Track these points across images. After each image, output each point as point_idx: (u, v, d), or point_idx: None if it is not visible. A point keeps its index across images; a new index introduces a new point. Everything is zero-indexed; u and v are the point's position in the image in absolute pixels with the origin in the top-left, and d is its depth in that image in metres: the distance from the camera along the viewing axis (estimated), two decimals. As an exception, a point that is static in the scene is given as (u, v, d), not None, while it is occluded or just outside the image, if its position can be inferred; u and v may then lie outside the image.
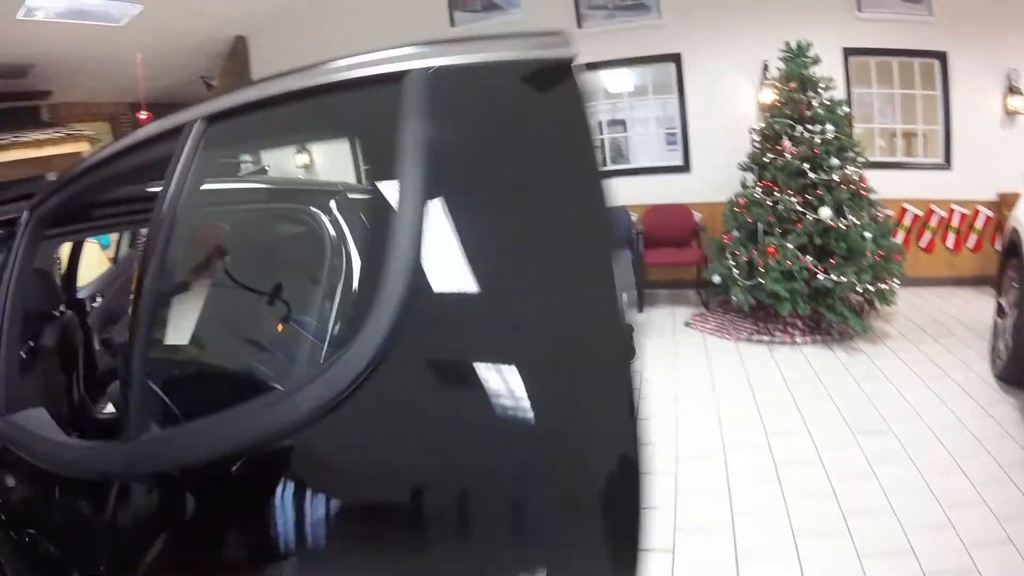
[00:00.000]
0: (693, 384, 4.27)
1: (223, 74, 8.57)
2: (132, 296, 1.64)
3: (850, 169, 4.90)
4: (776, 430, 3.50)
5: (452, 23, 7.00)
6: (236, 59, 8.36)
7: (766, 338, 4.93)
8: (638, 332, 4.98)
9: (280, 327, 2.00)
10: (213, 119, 1.37)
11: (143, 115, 8.49)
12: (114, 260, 5.21)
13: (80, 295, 3.50)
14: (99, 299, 4.10)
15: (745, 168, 5.42)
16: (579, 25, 6.50)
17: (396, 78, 0.98)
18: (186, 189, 1.35)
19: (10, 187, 3.54)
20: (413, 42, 1.02)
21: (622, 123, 6.83)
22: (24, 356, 2.63)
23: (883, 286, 4.70)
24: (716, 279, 5.26)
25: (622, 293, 0.83)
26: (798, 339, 4.83)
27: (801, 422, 3.57)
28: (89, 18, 6.39)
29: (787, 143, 5.00)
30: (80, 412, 2.66)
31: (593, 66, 6.56)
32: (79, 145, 7.81)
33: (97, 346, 3.23)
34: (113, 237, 5.59)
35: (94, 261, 4.94)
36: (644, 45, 6.36)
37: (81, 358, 2.80)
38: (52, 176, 2.72)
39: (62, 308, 2.92)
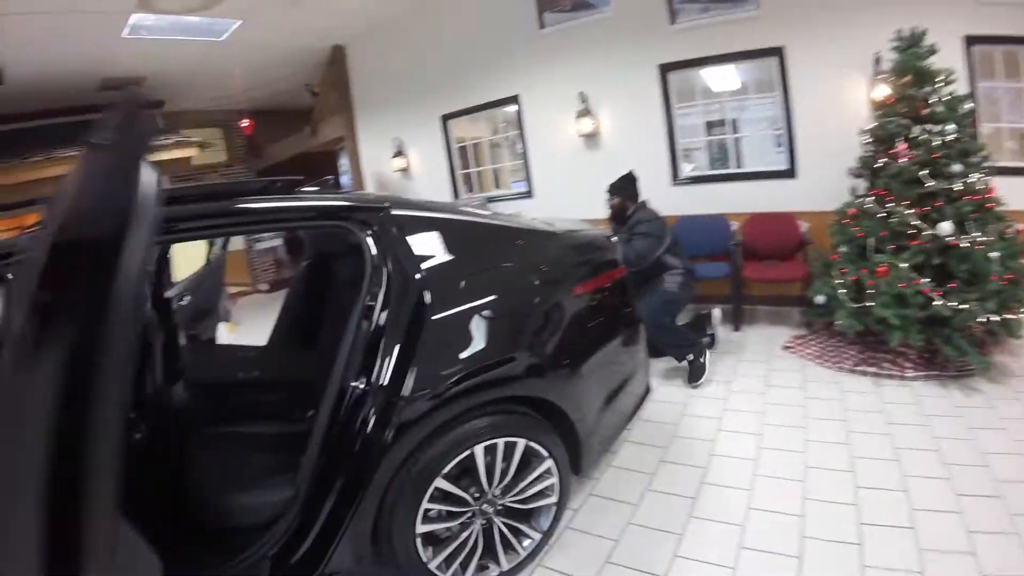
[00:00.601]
0: (782, 420, 3.79)
1: (323, 83, 8.78)
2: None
3: (974, 176, 4.16)
4: (867, 483, 3.01)
5: (542, 25, 6.77)
6: (335, 67, 8.55)
7: (872, 369, 4.30)
8: (730, 355, 4.58)
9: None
10: None
11: (245, 123, 8.93)
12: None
13: (169, 294, 3.68)
14: (187, 298, 4.23)
15: (856, 174, 4.81)
16: (672, 20, 6.05)
17: None
18: None
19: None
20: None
21: (722, 123, 6.34)
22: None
23: (1010, 316, 3.97)
24: (820, 299, 4.68)
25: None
26: (908, 373, 4.17)
27: (899, 476, 3.05)
28: (192, 34, 6.70)
29: (901, 146, 4.34)
30: (154, 406, 2.89)
31: (688, 63, 6.15)
32: (189, 150, 8.29)
33: (183, 342, 3.58)
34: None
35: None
36: (743, 39, 5.81)
37: (159, 355, 3.07)
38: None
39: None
